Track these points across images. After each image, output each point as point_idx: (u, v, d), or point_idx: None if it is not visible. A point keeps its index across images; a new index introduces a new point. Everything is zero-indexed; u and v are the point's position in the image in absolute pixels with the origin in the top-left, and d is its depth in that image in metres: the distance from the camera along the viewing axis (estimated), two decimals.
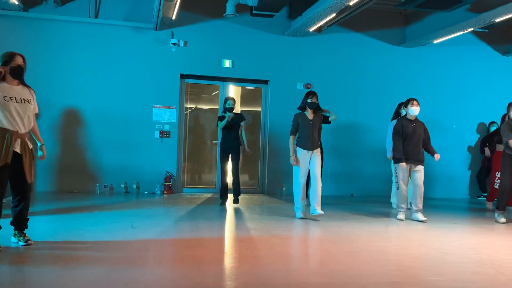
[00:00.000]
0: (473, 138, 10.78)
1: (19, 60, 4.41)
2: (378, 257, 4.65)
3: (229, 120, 7.71)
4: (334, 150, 9.70)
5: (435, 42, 9.85)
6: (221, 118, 7.84)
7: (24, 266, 3.95)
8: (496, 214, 7.03)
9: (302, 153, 6.67)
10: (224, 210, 7.42)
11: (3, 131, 4.29)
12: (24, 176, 4.41)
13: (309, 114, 6.74)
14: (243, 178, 10.34)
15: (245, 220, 6.47)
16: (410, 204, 7.11)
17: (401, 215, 6.92)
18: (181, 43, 9.40)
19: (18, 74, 4.42)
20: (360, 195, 9.98)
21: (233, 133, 7.81)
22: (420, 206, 6.86)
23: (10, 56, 4.40)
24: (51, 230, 5.28)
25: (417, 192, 6.88)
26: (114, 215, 6.56)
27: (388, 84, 10.23)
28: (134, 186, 9.20)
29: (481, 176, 10.52)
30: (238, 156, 7.83)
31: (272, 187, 9.77)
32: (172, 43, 9.33)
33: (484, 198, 10.36)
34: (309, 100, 6.70)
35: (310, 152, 6.67)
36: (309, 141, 6.65)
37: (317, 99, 6.75)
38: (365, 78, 10.19)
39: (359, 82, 10.16)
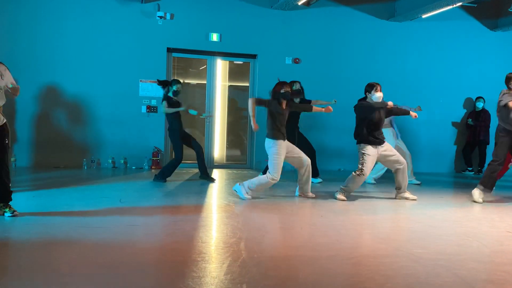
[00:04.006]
0: (460, 113, 10.85)
1: None
2: (364, 230, 4.71)
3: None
4: (322, 126, 9.72)
5: (424, 16, 9.79)
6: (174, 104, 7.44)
7: (10, 246, 3.93)
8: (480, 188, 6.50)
9: (281, 145, 6.15)
10: (212, 185, 7.43)
11: None
12: None
13: (283, 104, 6.23)
14: (232, 152, 10.37)
15: (233, 194, 6.49)
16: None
17: (343, 196, 6.37)
18: (168, 16, 9.24)
19: None
20: (348, 170, 10.02)
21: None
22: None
23: None
24: (38, 206, 5.25)
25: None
26: (102, 190, 6.55)
27: (377, 58, 10.19)
28: (122, 161, 9.16)
29: (467, 151, 10.64)
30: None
31: (259, 162, 9.79)
32: (158, 16, 9.17)
33: (470, 172, 10.52)
34: (282, 91, 6.18)
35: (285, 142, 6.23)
36: (282, 132, 6.23)
37: (291, 89, 6.34)
38: (353, 52, 10.13)
39: (347, 56, 10.10)
